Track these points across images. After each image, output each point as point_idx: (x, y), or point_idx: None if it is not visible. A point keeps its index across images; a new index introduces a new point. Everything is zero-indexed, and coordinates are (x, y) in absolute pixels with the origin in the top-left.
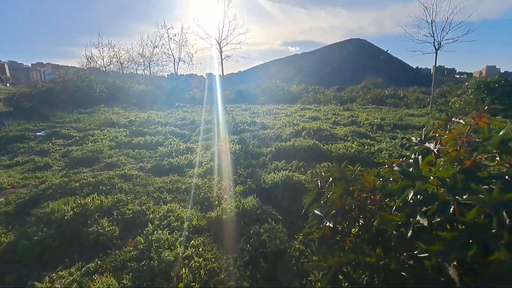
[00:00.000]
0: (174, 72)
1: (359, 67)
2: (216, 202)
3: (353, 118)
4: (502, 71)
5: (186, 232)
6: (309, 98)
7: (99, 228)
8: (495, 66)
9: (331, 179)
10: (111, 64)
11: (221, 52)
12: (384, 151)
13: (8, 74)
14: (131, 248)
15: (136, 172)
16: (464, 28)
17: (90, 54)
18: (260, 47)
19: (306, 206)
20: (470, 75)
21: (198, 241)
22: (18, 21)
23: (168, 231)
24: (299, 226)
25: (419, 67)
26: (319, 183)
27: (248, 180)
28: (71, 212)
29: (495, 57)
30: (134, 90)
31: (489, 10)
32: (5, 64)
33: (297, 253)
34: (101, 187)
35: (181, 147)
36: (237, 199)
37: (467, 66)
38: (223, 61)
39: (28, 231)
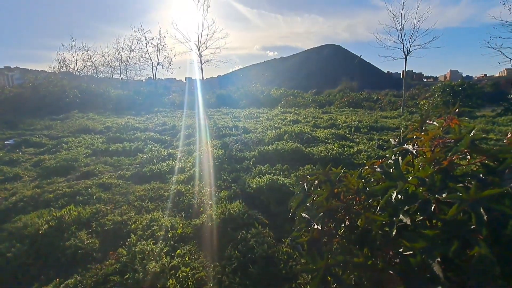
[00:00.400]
0: (152, 76)
1: (335, 71)
2: (201, 209)
3: (332, 120)
4: (464, 75)
5: (172, 242)
6: (289, 101)
7: (77, 241)
8: (457, 70)
9: (316, 182)
10: (85, 68)
11: (200, 57)
12: (363, 153)
13: None
14: (113, 261)
15: (116, 181)
16: (429, 35)
17: (62, 58)
18: (239, 52)
19: (293, 209)
20: (436, 78)
21: (184, 250)
22: None
23: (152, 242)
24: (286, 229)
25: (390, 72)
26: (305, 186)
27: (232, 185)
28: (46, 226)
29: (457, 62)
30: (110, 94)
31: (451, 19)
32: None
33: (285, 256)
34: (78, 197)
35: (162, 153)
36: (223, 204)
37: (433, 70)
38: (202, 65)
39: None
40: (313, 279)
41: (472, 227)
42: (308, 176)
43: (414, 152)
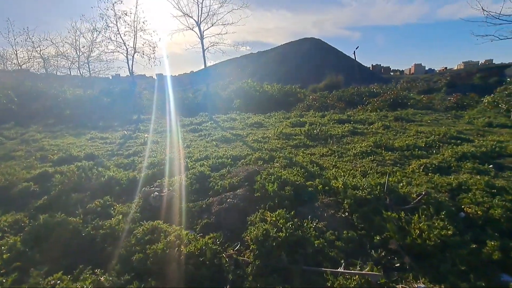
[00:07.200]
0: (128, 68)
1: (317, 65)
2: None
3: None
4: (427, 68)
5: None
6: (316, 101)
7: None
8: (421, 64)
9: None
10: (29, 61)
11: (202, 38)
12: None
13: None
14: None
15: None
16: None
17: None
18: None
19: None
20: (402, 72)
21: None
22: None
23: None
24: None
25: (374, 65)
26: None
27: None
28: None
29: (421, 56)
30: (66, 96)
31: (409, 16)
32: None
33: None
34: None
35: None
36: None
37: (396, 64)
38: (205, 51)
39: None
40: None
41: None
42: None
43: None
